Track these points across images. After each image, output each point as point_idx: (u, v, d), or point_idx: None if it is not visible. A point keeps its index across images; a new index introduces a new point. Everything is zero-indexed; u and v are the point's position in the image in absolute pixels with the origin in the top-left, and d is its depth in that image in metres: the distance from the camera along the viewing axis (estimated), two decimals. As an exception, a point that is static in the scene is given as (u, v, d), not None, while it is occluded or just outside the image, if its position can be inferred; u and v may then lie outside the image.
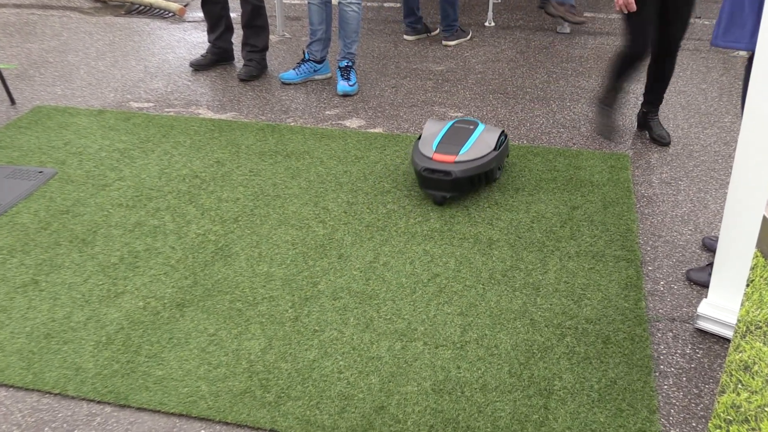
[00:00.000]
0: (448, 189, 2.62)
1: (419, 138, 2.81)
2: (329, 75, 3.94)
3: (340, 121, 3.44)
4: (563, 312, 2.16)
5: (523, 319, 2.13)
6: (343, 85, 3.67)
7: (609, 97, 3.09)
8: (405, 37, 4.41)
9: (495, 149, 2.71)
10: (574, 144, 3.15)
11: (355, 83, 3.70)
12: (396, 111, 3.52)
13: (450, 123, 2.84)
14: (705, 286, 2.25)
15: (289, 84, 3.85)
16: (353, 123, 3.42)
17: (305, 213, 2.70)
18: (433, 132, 2.80)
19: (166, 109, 3.59)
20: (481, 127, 2.80)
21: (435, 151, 2.68)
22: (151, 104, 3.65)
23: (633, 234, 2.52)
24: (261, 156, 3.12)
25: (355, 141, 3.23)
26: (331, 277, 2.34)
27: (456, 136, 2.73)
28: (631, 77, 3.00)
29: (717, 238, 2.37)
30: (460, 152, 2.65)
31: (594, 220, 2.60)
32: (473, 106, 3.58)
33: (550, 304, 2.19)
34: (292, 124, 3.42)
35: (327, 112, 3.53)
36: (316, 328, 2.12)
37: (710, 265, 2.27)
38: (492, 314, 2.16)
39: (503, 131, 2.80)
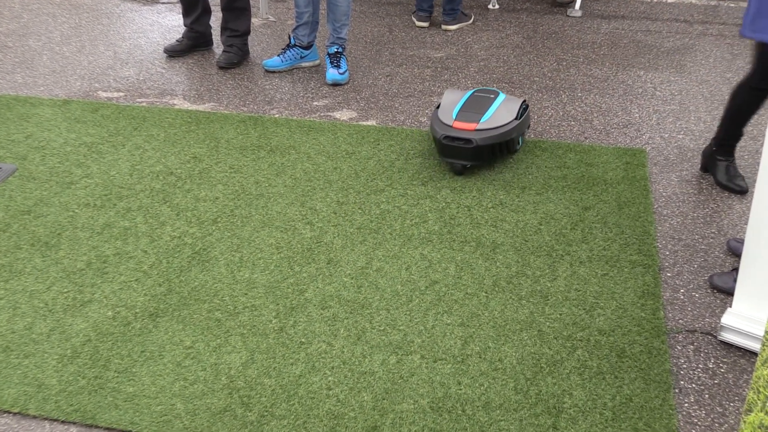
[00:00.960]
0: (469, 157, 2.81)
1: (438, 107, 3.00)
2: (317, 62, 3.94)
3: (329, 113, 3.44)
4: (574, 322, 2.16)
5: (530, 331, 2.14)
6: (332, 74, 3.67)
7: (730, 146, 2.77)
8: (417, 23, 4.34)
9: (516, 118, 2.88)
10: (586, 138, 3.16)
11: (345, 71, 3.70)
12: (391, 102, 3.53)
13: (470, 92, 3.02)
14: (729, 293, 2.26)
15: (274, 72, 3.85)
16: (344, 115, 3.42)
17: (291, 214, 2.70)
18: (452, 100, 2.98)
19: (138, 100, 3.58)
20: (501, 96, 2.97)
21: (455, 119, 2.85)
22: (121, 94, 3.64)
23: (650, 237, 2.53)
24: (242, 151, 3.11)
25: (345, 134, 3.23)
26: (320, 284, 2.34)
27: (476, 105, 2.91)
28: (752, 114, 2.68)
29: (743, 240, 2.35)
30: (481, 120, 2.83)
31: (608, 221, 2.61)
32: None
33: (560, 314, 2.20)
34: (277, 116, 3.42)
35: (315, 103, 3.53)
36: (303, 340, 2.12)
37: (735, 270, 2.26)
38: (496, 325, 2.16)
39: (525, 101, 2.98)
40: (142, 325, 2.19)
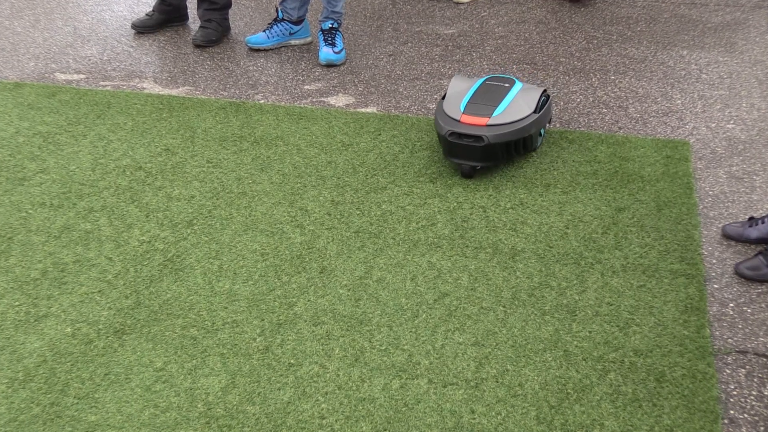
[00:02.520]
0: (479, 158, 2.77)
1: (443, 97, 2.95)
2: (309, 39, 3.95)
3: (322, 98, 3.45)
4: (605, 342, 2.17)
5: (555, 351, 2.14)
6: (326, 53, 3.68)
7: None
8: None
9: (535, 111, 2.83)
10: (620, 128, 3.17)
11: (341, 50, 3.71)
12: (393, 85, 3.53)
13: (481, 80, 2.97)
14: (761, 280, 2.30)
15: (259, 50, 3.86)
16: (339, 101, 3.43)
17: (278, 215, 2.70)
18: (460, 90, 2.93)
19: (102, 83, 3.59)
20: (518, 85, 2.93)
21: (463, 113, 2.80)
22: (82, 76, 3.65)
23: (695, 243, 2.53)
24: (222, 142, 3.12)
25: (341, 123, 3.24)
26: (311, 296, 2.35)
27: (488, 96, 2.86)
28: None
29: (740, 223, 2.55)
30: (494, 114, 2.78)
31: (645, 225, 2.62)
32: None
33: (589, 332, 2.20)
34: (262, 101, 3.43)
35: (306, 87, 3.54)
36: (292, 361, 2.13)
37: (761, 254, 2.37)
38: (515, 344, 2.17)
39: (545, 90, 2.94)
40: (106, 343, 2.20)
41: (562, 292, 2.34)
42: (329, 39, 3.72)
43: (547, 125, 3.00)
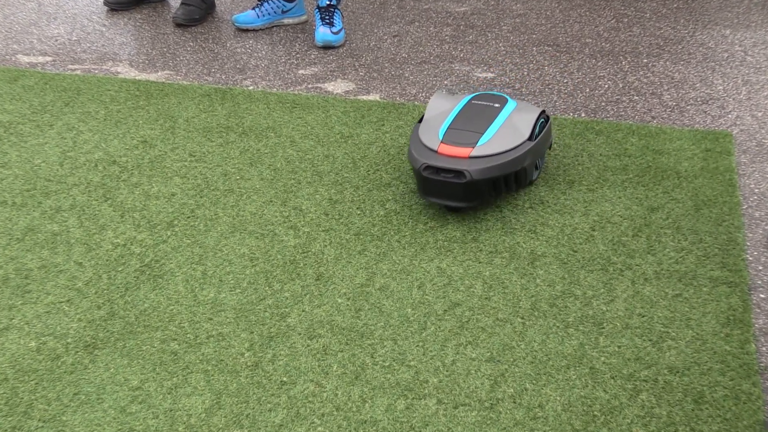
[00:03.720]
0: (460, 197, 2.57)
1: (420, 120, 2.77)
2: (304, 18, 3.95)
3: (319, 84, 3.45)
4: (637, 358, 2.17)
5: (580, 368, 2.14)
6: (323, 33, 3.69)
7: None
8: None
9: (530, 138, 2.64)
10: (653, 118, 3.17)
11: (340, 30, 3.72)
12: (399, 70, 3.54)
13: (466, 98, 2.79)
14: None
15: (247, 30, 3.87)
16: (338, 87, 3.43)
17: (269, 215, 2.71)
18: (440, 111, 2.75)
19: (71, 66, 3.60)
20: (510, 105, 2.75)
21: (442, 141, 2.61)
22: (48, 59, 3.66)
23: (738, 247, 2.53)
24: (206, 133, 3.13)
25: (340, 112, 3.24)
26: (306, 306, 2.35)
27: (473, 119, 2.68)
28: None
29: None
30: (479, 143, 2.59)
31: (681, 226, 2.62)
32: (509, 63, 3.59)
33: (618, 347, 2.20)
34: (251, 88, 3.43)
35: (301, 72, 3.55)
36: (285, 379, 2.13)
37: None
38: (535, 360, 2.17)
39: (543, 111, 2.75)
40: (76, 359, 2.20)
41: (587, 302, 2.34)
42: (326, 18, 3.73)
43: (546, 154, 2.85)
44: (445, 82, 3.42)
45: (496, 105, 2.74)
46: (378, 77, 3.49)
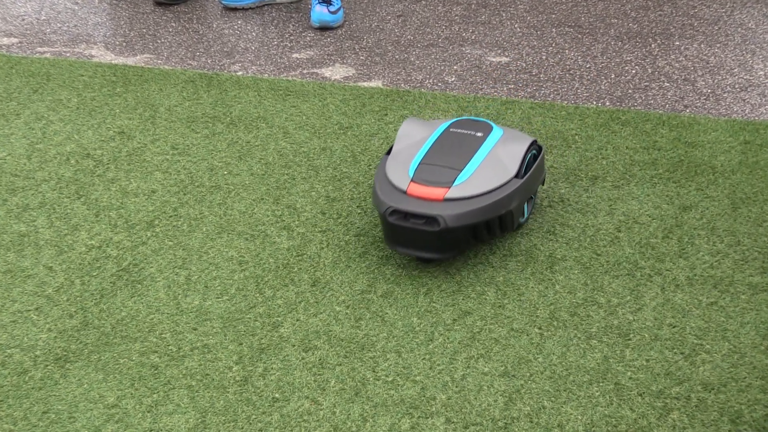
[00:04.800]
0: (433, 248, 2.39)
1: (388, 152, 2.60)
2: None
3: (315, 70, 3.46)
4: (667, 372, 2.17)
5: (604, 384, 2.15)
6: (320, 12, 3.70)
7: None
8: None
9: (518, 176, 2.46)
10: (686, 107, 3.17)
11: (339, 9, 3.73)
12: (404, 54, 3.54)
13: (442, 126, 2.61)
14: None
15: (236, 9, 3.87)
16: (336, 72, 3.44)
17: (260, 214, 2.72)
18: (412, 142, 2.58)
19: (39, 49, 3.61)
20: (495, 133, 2.57)
21: (412, 180, 2.43)
22: (14, 40, 3.67)
23: (778, 249, 2.54)
24: (190, 124, 3.13)
25: (339, 101, 3.25)
26: (301, 315, 2.36)
27: (450, 152, 2.50)
28: None
29: None
30: (456, 182, 2.41)
31: (717, 227, 2.62)
32: (526, 46, 3.59)
33: (646, 360, 2.20)
34: (240, 73, 3.44)
35: (295, 56, 3.55)
36: (277, 395, 2.14)
37: None
38: (554, 375, 2.17)
39: (534, 141, 2.56)
40: (45, 373, 2.21)
41: (612, 311, 2.34)
42: None
43: (538, 191, 2.67)
44: (455, 67, 3.43)
45: (479, 134, 2.55)
46: (380, 62, 3.49)
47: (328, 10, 3.70)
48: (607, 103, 3.19)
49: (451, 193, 2.38)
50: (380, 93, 3.28)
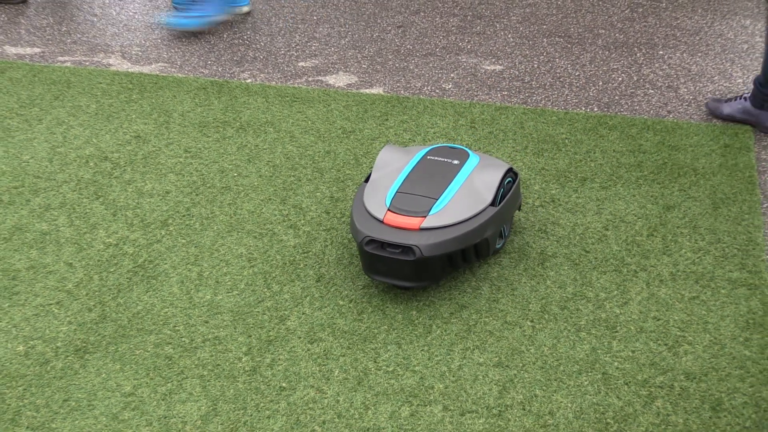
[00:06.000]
0: (409, 277, 2.31)
1: (367, 180, 2.53)
2: (246, 9, 3.94)
3: (320, 77, 3.46)
4: (651, 363, 2.17)
5: (592, 373, 2.15)
6: (175, 18, 3.67)
7: None
8: None
9: (494, 204, 2.39)
10: (669, 112, 3.17)
11: (197, 17, 3.68)
12: (403, 62, 3.54)
13: (420, 153, 2.54)
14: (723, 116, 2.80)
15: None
16: (340, 80, 3.44)
17: (268, 214, 2.71)
18: (390, 170, 2.51)
19: (60, 58, 3.60)
20: (471, 161, 2.49)
21: (389, 209, 2.35)
22: (36, 50, 3.67)
23: (758, 247, 2.53)
24: (202, 129, 3.13)
25: (342, 107, 3.25)
26: (307, 308, 2.36)
27: (427, 180, 2.42)
28: None
29: (719, 99, 3.11)
30: (432, 211, 2.32)
31: (698, 225, 2.62)
32: (518, 55, 3.59)
33: (632, 351, 2.20)
34: (249, 81, 3.44)
35: (301, 64, 3.55)
36: (284, 384, 2.14)
37: (737, 98, 2.88)
38: (545, 365, 2.17)
39: (510, 169, 2.49)
40: (66, 364, 2.21)
41: (600, 305, 2.34)
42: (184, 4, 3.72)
43: (512, 217, 2.57)
44: (452, 75, 3.43)
45: (455, 162, 2.47)
46: (381, 70, 3.49)
47: (184, 16, 3.66)
48: (596, 109, 3.19)
49: (427, 222, 2.30)
50: (381, 99, 3.28)
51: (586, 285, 2.41)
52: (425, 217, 2.31)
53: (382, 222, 2.33)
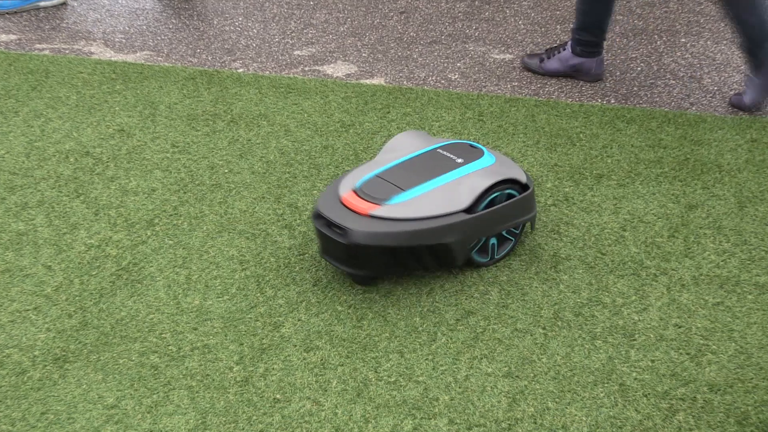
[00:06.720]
0: (346, 261, 2.36)
1: (372, 159, 2.60)
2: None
3: (317, 67, 3.46)
4: (672, 373, 2.17)
5: (608, 385, 2.15)
6: None
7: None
8: None
9: (468, 211, 2.37)
10: (692, 104, 3.17)
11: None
12: (406, 51, 3.54)
13: (434, 145, 2.57)
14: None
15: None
16: (338, 70, 3.44)
17: (261, 213, 2.71)
18: (393, 154, 2.57)
19: (38, 46, 3.61)
20: (480, 163, 2.47)
21: (355, 190, 2.40)
22: (12, 37, 3.67)
23: (785, 249, 2.53)
24: (191, 122, 3.13)
25: (341, 98, 3.25)
26: (303, 314, 2.36)
27: (415, 171, 2.45)
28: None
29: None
30: (391, 201, 2.35)
31: (723, 226, 2.62)
32: (530, 42, 3.59)
33: (652, 361, 2.20)
34: (241, 70, 3.44)
35: (297, 53, 3.55)
36: (278, 396, 2.14)
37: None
38: (558, 376, 2.17)
39: (514, 180, 2.44)
40: (44, 374, 2.21)
41: (617, 311, 2.34)
42: None
43: (508, 235, 2.52)
44: (458, 64, 3.43)
45: (459, 160, 2.47)
46: (383, 59, 3.49)
47: None
48: (612, 101, 3.19)
49: (380, 210, 2.32)
50: (383, 90, 3.28)
51: (602, 290, 2.41)
52: (380, 205, 2.33)
53: (339, 201, 2.38)
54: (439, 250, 2.36)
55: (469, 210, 2.36)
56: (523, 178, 2.45)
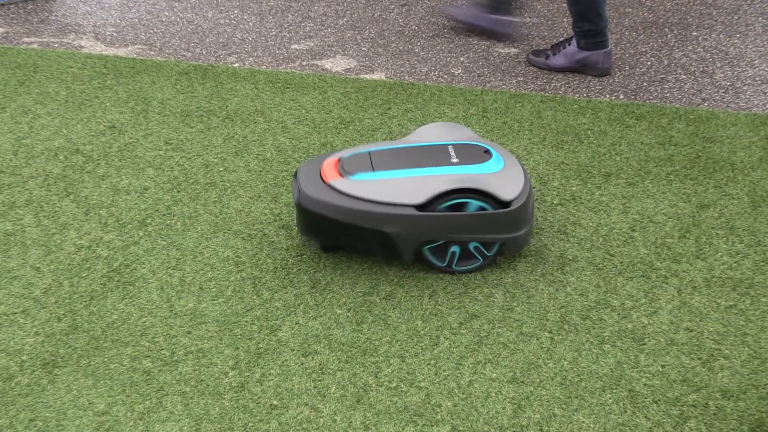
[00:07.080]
0: (297, 220, 2.54)
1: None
2: None
3: (315, 61, 3.45)
4: (684, 379, 2.17)
5: (617, 390, 2.15)
6: None
7: None
8: None
9: (419, 207, 2.40)
10: (704, 100, 3.17)
11: None
12: (408, 45, 3.54)
13: (454, 141, 2.59)
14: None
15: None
16: (337, 64, 3.44)
17: (258, 213, 2.71)
18: (416, 139, 2.64)
19: (26, 39, 3.60)
20: (470, 168, 2.45)
21: (338, 160, 2.52)
22: (0, 30, 3.66)
23: (800, 250, 2.53)
24: (184, 118, 3.13)
25: (340, 94, 3.24)
26: (300, 318, 2.36)
27: (405, 158, 2.50)
28: None
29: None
30: (354, 176, 2.44)
31: (736, 226, 2.61)
32: (536, 36, 3.59)
33: (662, 366, 2.20)
34: (237, 65, 3.44)
35: (294, 46, 3.55)
36: (275, 402, 2.14)
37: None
38: (565, 381, 2.17)
39: (492, 196, 2.41)
40: (32, 379, 2.21)
41: (626, 314, 2.34)
42: None
43: (485, 252, 2.49)
44: (462, 58, 3.42)
45: (455, 159, 2.48)
46: (383, 53, 3.49)
47: None
48: (621, 97, 3.19)
49: (338, 182, 2.44)
50: (383, 86, 3.27)
51: (611, 292, 2.41)
52: (342, 177, 2.45)
53: (320, 169, 2.52)
54: (380, 238, 2.43)
55: (421, 207, 2.40)
56: (505, 196, 2.40)
